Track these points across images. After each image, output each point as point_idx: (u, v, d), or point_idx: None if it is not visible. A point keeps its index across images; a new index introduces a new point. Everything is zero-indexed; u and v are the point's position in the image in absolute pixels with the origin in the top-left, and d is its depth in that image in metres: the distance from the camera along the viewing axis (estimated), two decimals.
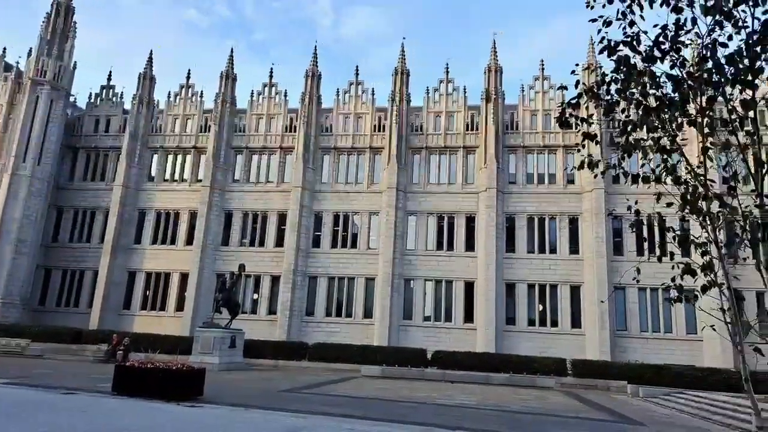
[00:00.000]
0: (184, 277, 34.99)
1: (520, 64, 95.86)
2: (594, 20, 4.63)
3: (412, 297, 33.11)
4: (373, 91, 37.10)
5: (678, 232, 4.51)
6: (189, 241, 35.71)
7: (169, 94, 39.33)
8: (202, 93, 39.02)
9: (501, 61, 35.70)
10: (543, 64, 35.43)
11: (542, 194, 33.37)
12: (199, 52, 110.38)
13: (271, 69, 38.76)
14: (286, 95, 38.01)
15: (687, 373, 23.79)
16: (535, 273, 32.04)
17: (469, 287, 32.53)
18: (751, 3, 3.85)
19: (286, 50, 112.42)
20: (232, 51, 38.85)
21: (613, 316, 29.99)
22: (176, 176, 38.04)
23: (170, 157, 38.44)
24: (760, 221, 3.88)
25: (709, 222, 4.18)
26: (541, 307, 31.80)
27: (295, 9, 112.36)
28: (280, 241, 35.01)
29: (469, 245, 33.27)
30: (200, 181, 36.66)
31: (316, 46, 37.95)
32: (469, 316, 32.06)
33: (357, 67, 37.77)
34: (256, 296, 34.51)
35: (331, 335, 31.93)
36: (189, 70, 39.59)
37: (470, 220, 33.73)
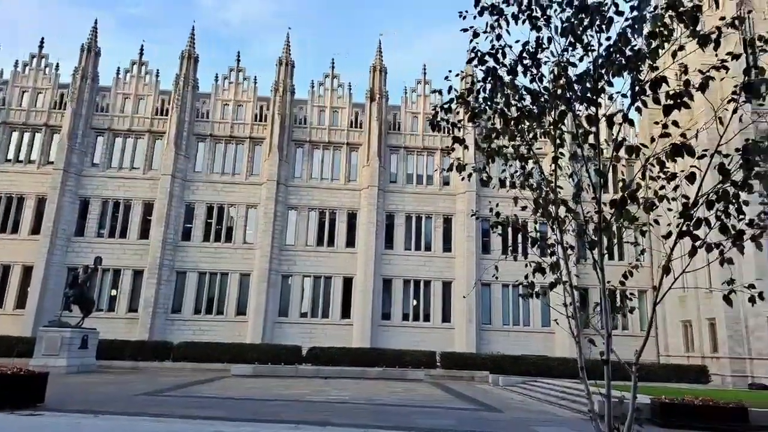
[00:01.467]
0: (27, 270, 30.97)
1: (410, 65, 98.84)
2: (465, 30, 4.81)
3: (289, 293, 32.59)
4: (255, 79, 35.87)
5: (532, 234, 4.85)
6: (36, 230, 31.65)
7: (16, 63, 34.51)
8: (58, 65, 34.81)
9: (389, 62, 36.70)
10: (425, 69, 36.92)
11: (420, 194, 34.71)
12: (58, 23, 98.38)
13: (142, 46, 36.05)
14: (158, 75, 35.30)
15: (540, 362, 26.44)
16: (411, 269, 33.25)
17: (348, 283, 32.83)
18: (596, 29, 4.24)
19: (166, 30, 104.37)
20: (96, 22, 35.07)
21: (479, 310, 32.11)
22: (22, 156, 33.45)
23: (15, 135, 33.70)
24: (598, 225, 4.28)
25: (556, 225, 4.57)
26: (415, 302, 33.09)
27: None
28: (145, 233, 32.44)
29: (350, 241, 33.56)
30: (52, 163, 32.67)
31: (194, 27, 36.17)
32: (346, 312, 32.34)
33: (238, 52, 36.44)
34: (114, 292, 31.60)
35: (199, 334, 30.34)
36: (42, 39, 35.37)
37: (352, 217, 34.04)
